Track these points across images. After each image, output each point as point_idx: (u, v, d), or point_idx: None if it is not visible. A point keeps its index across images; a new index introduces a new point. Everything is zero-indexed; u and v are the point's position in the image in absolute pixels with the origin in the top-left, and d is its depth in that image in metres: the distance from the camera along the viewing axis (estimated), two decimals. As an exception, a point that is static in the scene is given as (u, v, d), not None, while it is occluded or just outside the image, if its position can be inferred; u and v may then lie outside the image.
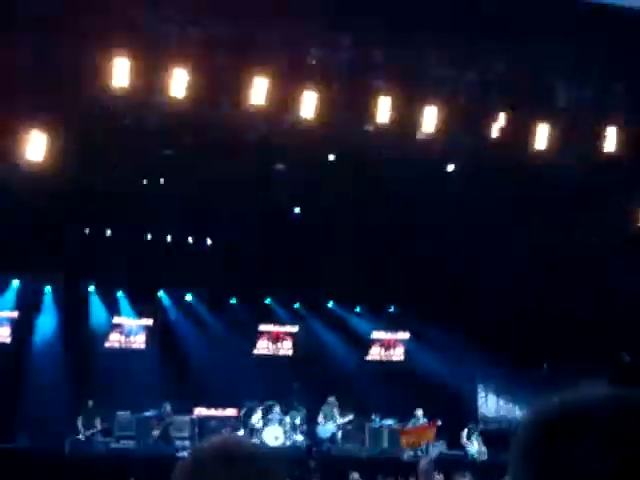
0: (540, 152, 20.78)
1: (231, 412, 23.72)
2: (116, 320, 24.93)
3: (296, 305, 27.40)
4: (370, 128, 20.80)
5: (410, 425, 23.50)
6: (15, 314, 23.61)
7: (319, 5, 18.36)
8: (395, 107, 19.26)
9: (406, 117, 19.54)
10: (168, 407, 22.92)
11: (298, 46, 19.61)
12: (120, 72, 16.40)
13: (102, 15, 16.71)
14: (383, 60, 20.21)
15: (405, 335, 27.01)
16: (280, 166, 23.43)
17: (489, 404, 27.94)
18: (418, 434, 21.61)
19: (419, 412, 23.78)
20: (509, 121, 20.30)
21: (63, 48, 16.85)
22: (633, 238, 23.28)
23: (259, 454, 2.35)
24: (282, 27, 19.20)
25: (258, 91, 17.81)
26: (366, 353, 26.78)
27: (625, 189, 22.39)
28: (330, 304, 27.74)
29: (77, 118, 18.30)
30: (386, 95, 19.24)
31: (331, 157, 22.82)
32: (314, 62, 19.38)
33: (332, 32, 19.43)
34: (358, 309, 27.93)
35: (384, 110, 18.91)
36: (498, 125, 20.24)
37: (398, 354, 26.96)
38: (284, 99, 18.55)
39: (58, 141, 18.55)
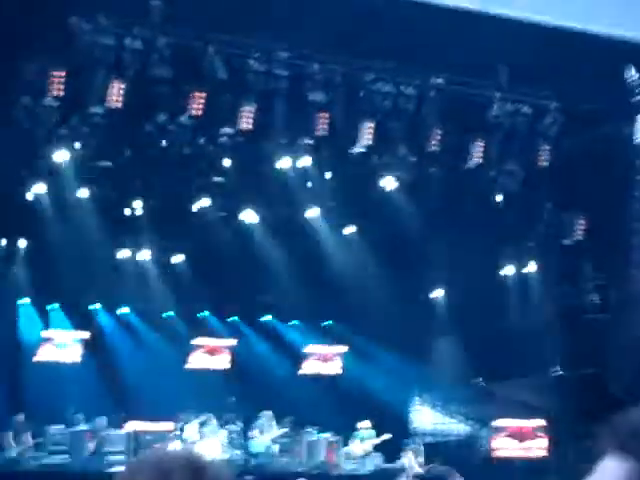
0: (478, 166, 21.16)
1: (167, 426, 23.49)
2: (47, 333, 24.58)
3: (233, 318, 27.30)
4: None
5: (358, 440, 23.70)
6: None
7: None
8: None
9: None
10: (103, 421, 22.64)
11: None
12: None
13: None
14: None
15: (342, 348, 27.04)
16: (219, 179, 23.44)
17: (424, 417, 28.08)
18: None
19: (364, 424, 23.90)
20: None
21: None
22: (566, 249, 23.68)
23: (194, 464, 2.32)
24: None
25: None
26: (302, 366, 26.74)
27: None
28: (266, 318, 27.72)
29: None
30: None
31: (270, 169, 22.92)
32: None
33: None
34: (295, 322, 27.93)
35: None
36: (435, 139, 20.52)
37: (335, 367, 26.97)
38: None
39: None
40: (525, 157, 22.52)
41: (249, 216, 24.99)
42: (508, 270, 25.47)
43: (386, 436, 23.77)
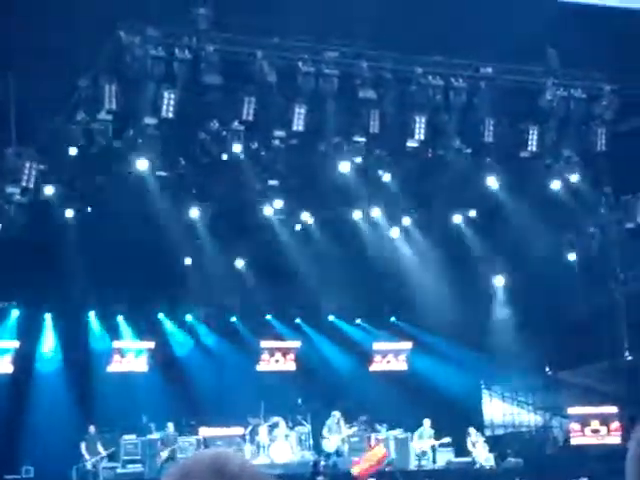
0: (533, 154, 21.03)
1: (237, 431, 23.62)
2: (116, 344, 24.85)
3: (297, 320, 27.36)
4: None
5: (417, 437, 23.58)
6: (16, 344, 23.52)
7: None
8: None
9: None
10: (172, 428, 22.84)
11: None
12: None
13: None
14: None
15: (407, 345, 26.95)
16: (274, 182, 23.53)
17: (494, 410, 27.88)
18: (367, 459, 21.46)
19: (427, 422, 23.79)
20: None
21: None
22: (629, 232, 23.39)
23: (249, 470, 2.32)
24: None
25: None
26: (369, 365, 26.71)
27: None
28: (331, 318, 27.73)
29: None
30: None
31: (326, 169, 22.94)
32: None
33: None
34: (359, 321, 27.90)
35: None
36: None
37: (401, 364, 26.89)
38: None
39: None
40: (581, 143, 22.26)
41: (307, 218, 25.08)
42: (571, 256, 25.19)
43: (445, 440, 23.66)
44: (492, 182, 23.27)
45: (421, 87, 20.92)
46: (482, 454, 23.58)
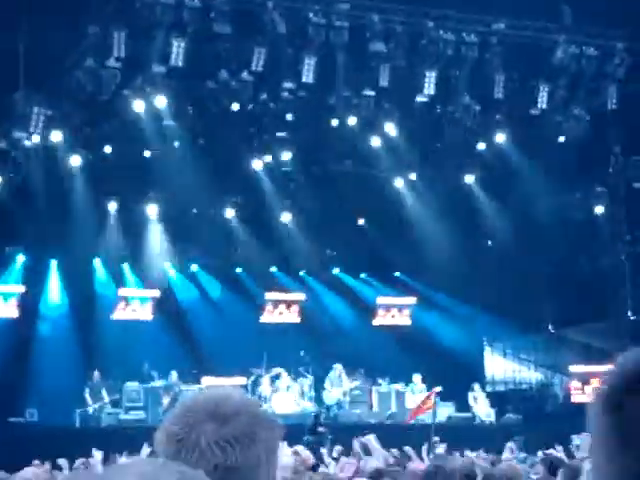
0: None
1: (239, 381, 23.78)
2: (121, 292, 24.96)
3: (301, 273, 27.41)
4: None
5: (409, 392, 23.67)
6: (22, 288, 23.65)
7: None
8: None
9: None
10: (175, 376, 23.00)
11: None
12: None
13: None
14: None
15: (411, 300, 27.02)
16: (282, 134, 23.49)
17: (496, 366, 28.02)
18: (423, 410, 21.59)
19: (417, 378, 23.89)
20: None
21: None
22: (636, 192, 23.32)
23: (247, 408, 2.33)
24: None
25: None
26: (372, 318, 26.81)
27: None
28: (335, 271, 27.77)
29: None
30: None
31: (334, 122, 22.86)
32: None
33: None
34: (364, 276, 27.94)
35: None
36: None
37: (404, 319, 26.99)
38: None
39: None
40: (591, 101, 22.14)
41: (314, 171, 25.08)
42: (577, 214, 25.14)
43: (437, 389, 23.74)
44: (501, 139, 23.20)
45: (432, 41, 20.79)
46: (483, 410, 23.74)
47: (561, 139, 22.81)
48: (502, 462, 11.14)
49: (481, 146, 23.79)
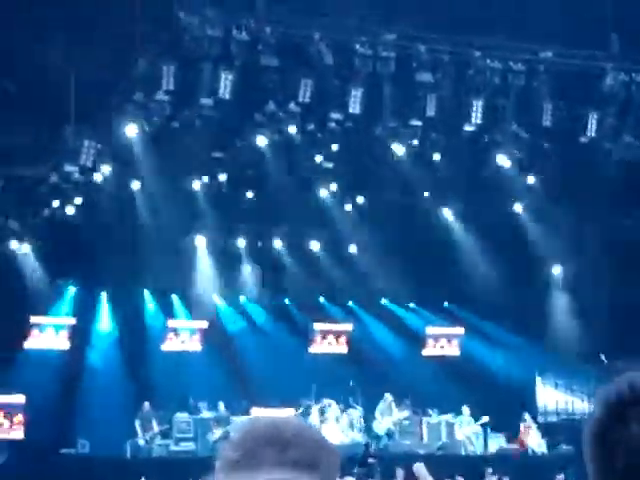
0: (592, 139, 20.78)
1: (288, 412, 23.72)
2: (171, 323, 25.08)
3: (350, 303, 27.34)
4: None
5: (457, 425, 23.55)
6: (72, 320, 23.87)
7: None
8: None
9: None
10: (222, 407, 23.02)
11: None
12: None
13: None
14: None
15: (460, 330, 26.83)
16: (329, 164, 23.55)
17: (548, 397, 27.66)
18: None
19: (466, 410, 23.73)
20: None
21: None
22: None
23: (305, 435, 2.31)
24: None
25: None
26: (420, 348, 26.64)
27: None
28: (384, 301, 27.67)
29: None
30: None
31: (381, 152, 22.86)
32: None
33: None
34: (412, 305, 27.79)
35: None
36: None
37: (454, 349, 26.79)
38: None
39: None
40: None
41: (361, 201, 25.10)
42: (627, 239, 24.83)
43: (485, 419, 23.57)
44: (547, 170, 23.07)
45: (479, 70, 20.78)
46: (535, 441, 23.45)
47: (612, 167, 22.61)
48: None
49: (530, 178, 23.64)
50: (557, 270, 26.81)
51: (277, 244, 25.97)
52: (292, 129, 21.22)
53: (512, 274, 24.89)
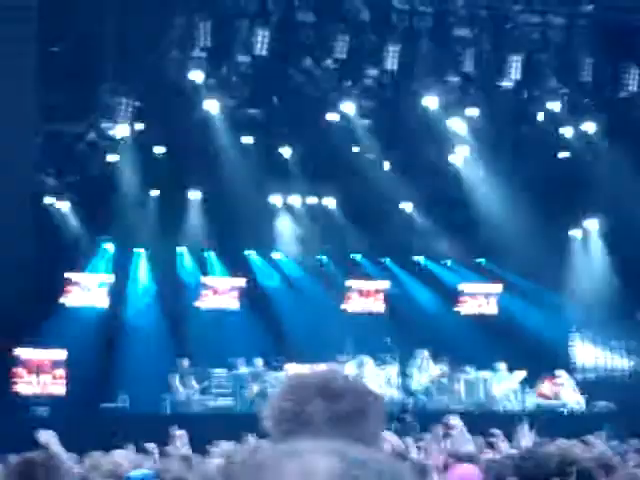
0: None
1: (323, 368, 23.83)
2: (205, 280, 25.20)
3: (385, 260, 27.33)
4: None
5: (495, 382, 23.57)
6: (112, 277, 24.08)
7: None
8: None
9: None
10: (261, 363, 23.15)
11: None
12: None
13: None
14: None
15: (498, 287, 26.76)
16: (365, 121, 23.43)
17: (586, 354, 27.57)
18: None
19: (502, 365, 23.75)
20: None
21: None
22: None
23: (354, 386, 2.33)
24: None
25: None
26: (458, 306, 26.61)
27: None
28: (420, 258, 27.61)
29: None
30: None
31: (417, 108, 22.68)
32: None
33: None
34: (449, 263, 27.71)
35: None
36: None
37: (491, 307, 26.74)
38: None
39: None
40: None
41: (396, 158, 24.98)
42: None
43: (521, 375, 23.56)
44: (589, 125, 22.78)
45: (517, 25, 20.53)
46: (573, 397, 23.43)
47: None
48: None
49: (568, 131, 23.40)
50: (594, 225, 26.60)
51: (311, 201, 25.98)
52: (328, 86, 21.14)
53: (549, 228, 24.71)
